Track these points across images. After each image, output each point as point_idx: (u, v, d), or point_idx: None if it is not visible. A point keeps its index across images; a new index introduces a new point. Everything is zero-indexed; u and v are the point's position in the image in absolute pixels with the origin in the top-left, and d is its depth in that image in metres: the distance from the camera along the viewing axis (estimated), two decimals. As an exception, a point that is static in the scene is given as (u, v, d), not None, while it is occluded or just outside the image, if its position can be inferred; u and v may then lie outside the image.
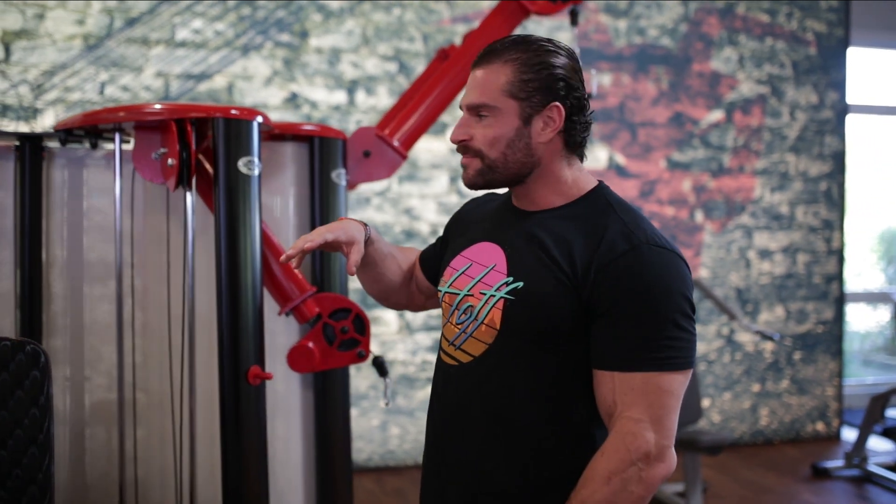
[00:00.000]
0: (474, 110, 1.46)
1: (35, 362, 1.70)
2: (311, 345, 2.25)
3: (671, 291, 1.34)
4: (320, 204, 2.42)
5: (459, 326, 1.48)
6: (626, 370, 1.34)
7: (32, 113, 4.35)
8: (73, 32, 4.37)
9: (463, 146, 1.48)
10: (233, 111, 2.12)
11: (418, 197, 4.85)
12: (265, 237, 2.22)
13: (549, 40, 1.47)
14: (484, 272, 1.47)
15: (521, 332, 1.41)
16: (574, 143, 1.47)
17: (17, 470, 1.67)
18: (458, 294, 1.50)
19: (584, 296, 1.36)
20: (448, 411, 1.50)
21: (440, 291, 1.57)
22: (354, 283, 3.93)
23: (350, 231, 1.56)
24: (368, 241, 1.61)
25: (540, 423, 1.41)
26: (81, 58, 4.40)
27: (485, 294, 1.45)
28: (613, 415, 1.35)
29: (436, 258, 1.71)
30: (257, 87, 4.61)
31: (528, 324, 1.40)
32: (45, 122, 4.35)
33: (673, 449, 1.35)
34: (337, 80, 4.71)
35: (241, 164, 2.09)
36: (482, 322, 1.44)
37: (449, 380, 1.50)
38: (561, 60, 1.44)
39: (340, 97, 4.71)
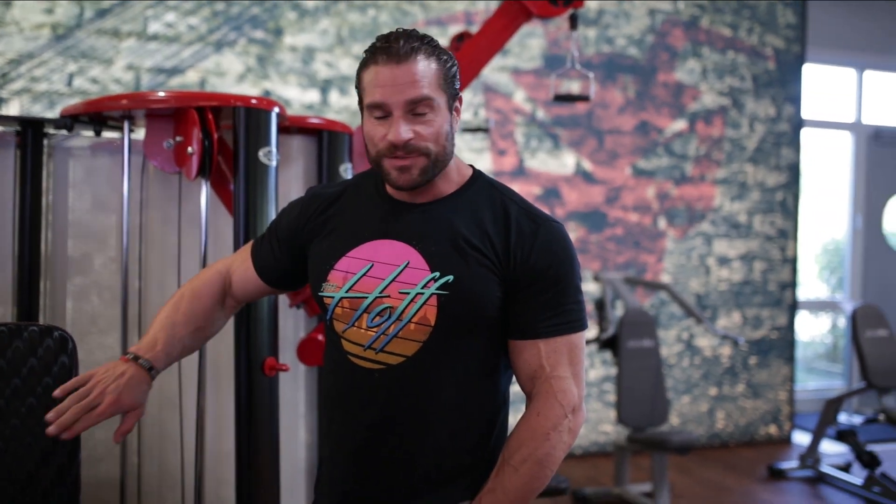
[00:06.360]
0: (411, 106, 1.41)
1: (63, 348, 1.67)
2: (320, 337, 2.25)
3: (573, 260, 1.50)
4: (328, 198, 2.41)
5: (375, 329, 1.45)
6: (552, 336, 1.47)
7: (-3, 102, 4.22)
8: (41, 21, 4.26)
9: (406, 146, 1.42)
10: (253, 100, 2.10)
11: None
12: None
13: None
14: (396, 271, 1.45)
15: (458, 324, 1.44)
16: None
17: (45, 458, 1.63)
18: (367, 297, 1.45)
19: (507, 276, 1.46)
20: (388, 412, 1.46)
21: (330, 297, 1.50)
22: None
23: (139, 398, 1.53)
24: (156, 370, 1.59)
25: (484, 401, 1.52)
26: (49, 48, 4.29)
27: (408, 293, 1.43)
28: (539, 378, 1.47)
29: (277, 263, 1.65)
30: (230, 83, 4.56)
31: (466, 316, 1.44)
32: (10, 111, 4.23)
33: None
34: (310, 78, 4.69)
35: (262, 154, 2.08)
36: (409, 321, 1.43)
37: (377, 384, 1.46)
38: (452, 59, 1.51)
39: (313, 96, 4.69)
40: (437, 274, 1.42)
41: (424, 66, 1.41)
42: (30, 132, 2.29)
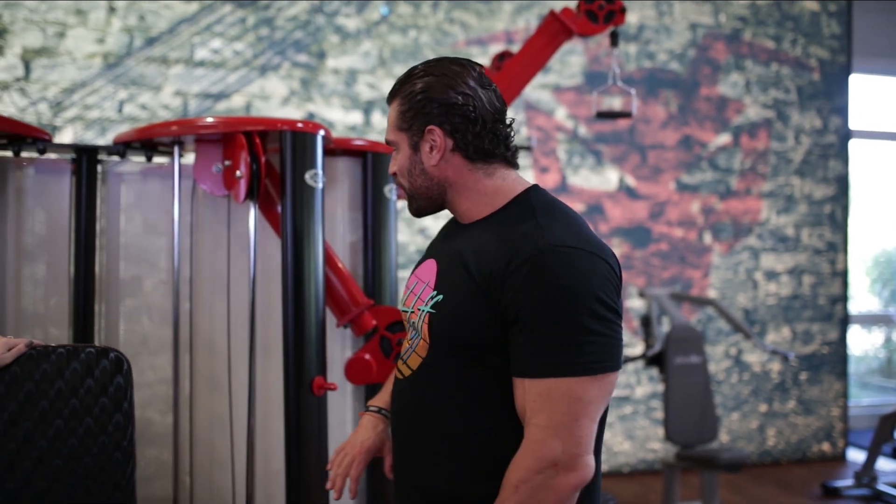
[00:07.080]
0: (390, 146, 1.55)
1: (119, 369, 1.71)
2: (367, 356, 2.27)
3: (577, 292, 1.30)
4: (373, 218, 2.45)
5: (409, 342, 1.53)
6: (532, 377, 1.31)
7: (51, 130, 4.34)
8: (92, 51, 4.38)
9: (394, 179, 1.58)
10: (299, 124, 2.14)
11: (432, 217, 4.88)
12: (325, 249, 2.24)
13: (436, 62, 1.49)
14: (422, 289, 1.50)
15: (444, 344, 1.42)
16: (480, 154, 1.46)
17: (102, 476, 1.67)
18: (407, 312, 1.54)
19: (495, 304, 1.35)
20: (398, 422, 1.54)
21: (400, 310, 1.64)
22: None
23: (381, 435, 1.67)
24: (386, 411, 1.70)
25: (474, 432, 1.41)
26: (101, 76, 4.41)
27: (421, 310, 1.47)
28: (524, 421, 1.34)
29: None
30: (275, 106, 4.63)
31: (448, 335, 1.41)
32: (63, 139, 4.35)
33: (589, 457, 1.31)
34: (353, 100, 4.75)
35: (308, 176, 2.11)
36: (421, 337, 1.47)
37: (398, 393, 1.54)
38: (431, 82, 1.45)
39: (356, 117, 4.75)
40: (435, 293, 1.45)
41: (391, 111, 1.51)
42: (84, 159, 2.36)
